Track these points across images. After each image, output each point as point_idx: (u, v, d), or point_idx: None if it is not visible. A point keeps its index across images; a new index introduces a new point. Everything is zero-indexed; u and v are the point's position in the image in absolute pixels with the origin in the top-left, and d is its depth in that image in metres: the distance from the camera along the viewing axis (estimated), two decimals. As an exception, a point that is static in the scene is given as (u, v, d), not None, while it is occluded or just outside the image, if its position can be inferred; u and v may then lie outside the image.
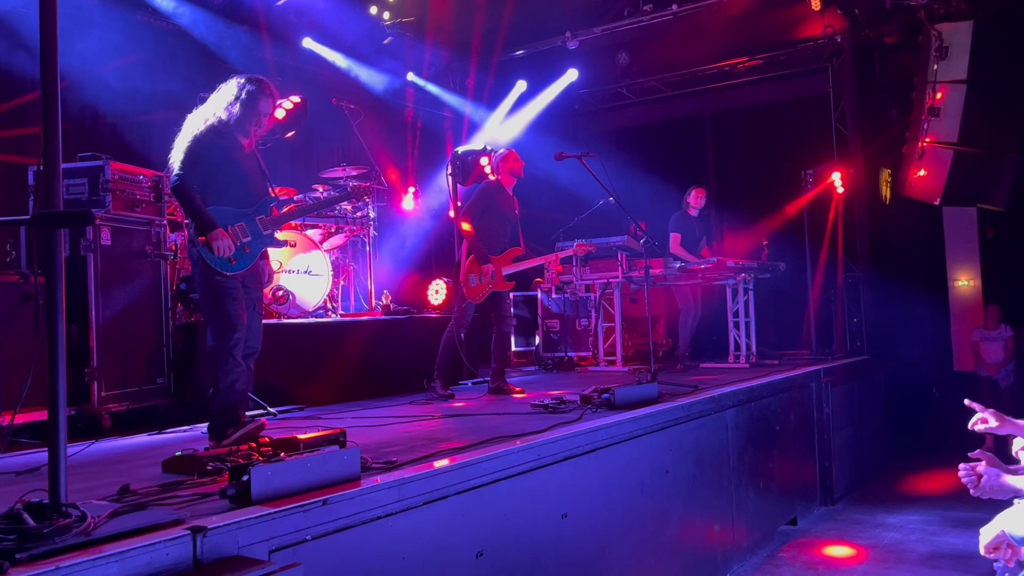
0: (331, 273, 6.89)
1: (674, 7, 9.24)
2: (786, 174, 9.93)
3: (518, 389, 6.20)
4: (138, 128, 7.49)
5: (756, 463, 5.66)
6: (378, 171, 7.99)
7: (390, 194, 9.42)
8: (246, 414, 4.00)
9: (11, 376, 4.16)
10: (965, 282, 10.17)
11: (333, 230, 7.42)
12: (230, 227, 3.88)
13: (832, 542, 5.93)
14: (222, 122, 3.94)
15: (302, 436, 3.35)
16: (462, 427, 4.36)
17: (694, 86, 10.90)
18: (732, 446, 5.36)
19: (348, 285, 7.88)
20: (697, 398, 5.08)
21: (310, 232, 7.03)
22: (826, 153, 9.82)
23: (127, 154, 7.15)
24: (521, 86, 11.04)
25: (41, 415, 4.25)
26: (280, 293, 6.41)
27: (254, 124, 4.03)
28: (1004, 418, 3.00)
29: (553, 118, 11.26)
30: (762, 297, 8.50)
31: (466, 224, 6.11)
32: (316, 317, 6.67)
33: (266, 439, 3.50)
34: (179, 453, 3.31)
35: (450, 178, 7.91)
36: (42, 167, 2.29)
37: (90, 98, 7.17)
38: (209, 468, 3.10)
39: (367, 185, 5.10)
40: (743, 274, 7.93)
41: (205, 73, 4.22)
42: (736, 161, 11.07)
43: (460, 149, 7.99)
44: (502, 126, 11.15)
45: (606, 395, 4.64)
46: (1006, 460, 2.96)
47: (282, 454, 3.01)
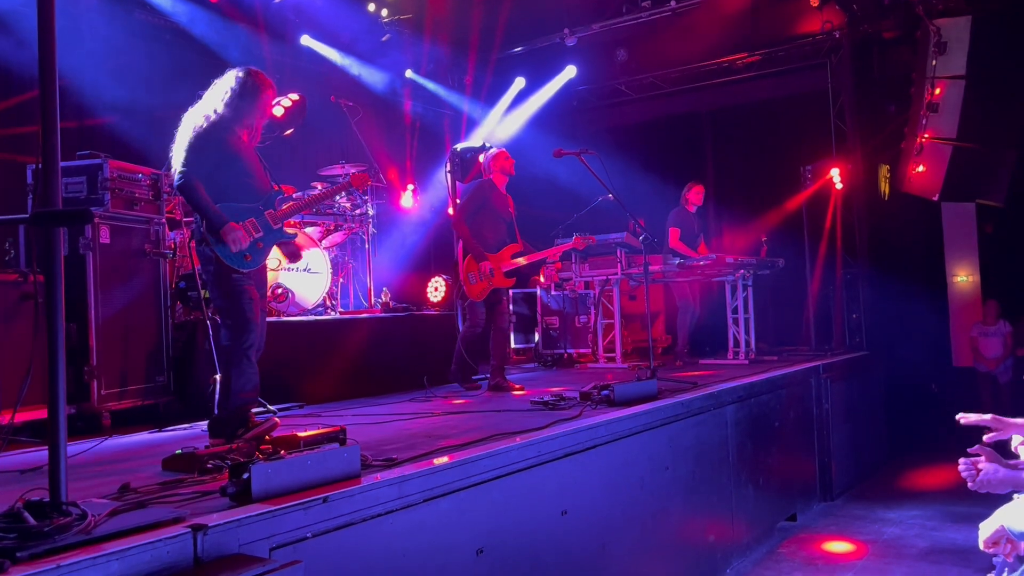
0: (330, 271, 6.89)
1: (672, 3, 9.23)
2: (785, 170, 9.93)
3: (517, 386, 6.20)
4: (137, 126, 7.47)
5: (755, 459, 5.66)
6: (377, 168, 7.99)
7: (389, 191, 9.41)
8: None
9: (11, 375, 4.17)
10: (964, 278, 10.17)
11: (332, 227, 7.41)
12: (243, 223, 3.80)
13: (832, 538, 5.93)
14: (222, 116, 3.83)
15: (302, 434, 3.35)
16: (462, 424, 4.37)
17: (693, 83, 10.87)
18: (731, 442, 5.36)
19: (347, 283, 7.87)
20: (696, 394, 5.09)
21: (309, 230, 7.03)
22: (825, 149, 9.81)
23: (126, 152, 7.13)
24: (520, 83, 11.03)
25: (41, 414, 4.25)
26: (279, 291, 6.40)
27: (254, 116, 3.95)
28: (1003, 421, 2.99)
29: (552, 115, 11.25)
30: (761, 293, 8.51)
31: (460, 224, 6.16)
32: (315, 315, 6.67)
33: (266, 437, 3.50)
34: (179, 451, 3.31)
35: (449, 175, 7.91)
36: (41, 165, 2.29)
37: (89, 96, 7.17)
38: (209, 466, 3.10)
39: (364, 173, 5.10)
40: (742, 270, 7.94)
41: (203, 71, 4.19)
42: (735, 157, 11.06)
43: (459, 146, 7.99)
44: (501, 123, 11.15)
45: (605, 392, 4.65)
46: (1005, 455, 2.97)
47: (282, 452, 3.01)
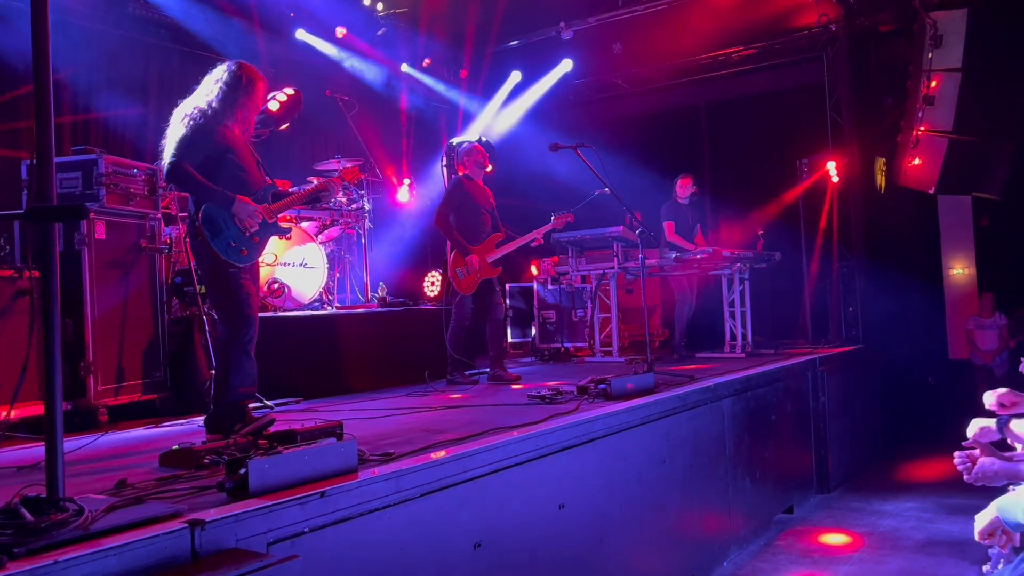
0: (327, 266, 6.88)
1: (668, -4, 9.23)
2: (781, 163, 9.93)
3: (515, 375, 6.29)
4: (132, 121, 7.47)
5: (752, 452, 5.67)
6: (373, 163, 7.98)
7: (385, 186, 9.40)
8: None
9: (7, 371, 4.16)
10: (960, 270, 10.19)
11: (328, 222, 7.40)
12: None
13: (828, 530, 5.95)
14: (214, 110, 3.81)
15: (299, 429, 3.34)
16: (459, 419, 4.37)
17: (689, 76, 10.86)
18: (728, 435, 5.37)
19: (344, 277, 7.87)
20: (693, 388, 5.09)
21: (305, 224, 7.02)
22: (821, 142, 9.81)
23: (121, 147, 7.15)
24: (516, 77, 11.01)
25: (37, 410, 4.26)
26: (276, 286, 6.40)
27: (246, 110, 3.92)
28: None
29: (548, 109, 11.24)
30: (758, 286, 8.52)
31: (442, 221, 6.29)
32: (312, 310, 6.66)
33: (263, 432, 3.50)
34: (176, 447, 3.30)
35: (445, 169, 7.93)
36: (35, 161, 2.28)
37: (83, 91, 7.15)
38: (206, 461, 3.10)
39: (357, 167, 5.10)
40: (739, 264, 7.94)
41: (198, 65, 4.18)
42: (731, 151, 11.05)
43: (455, 140, 8.01)
44: (497, 117, 11.13)
45: (602, 385, 4.65)
46: (1001, 447, 2.98)
47: (279, 447, 3.01)
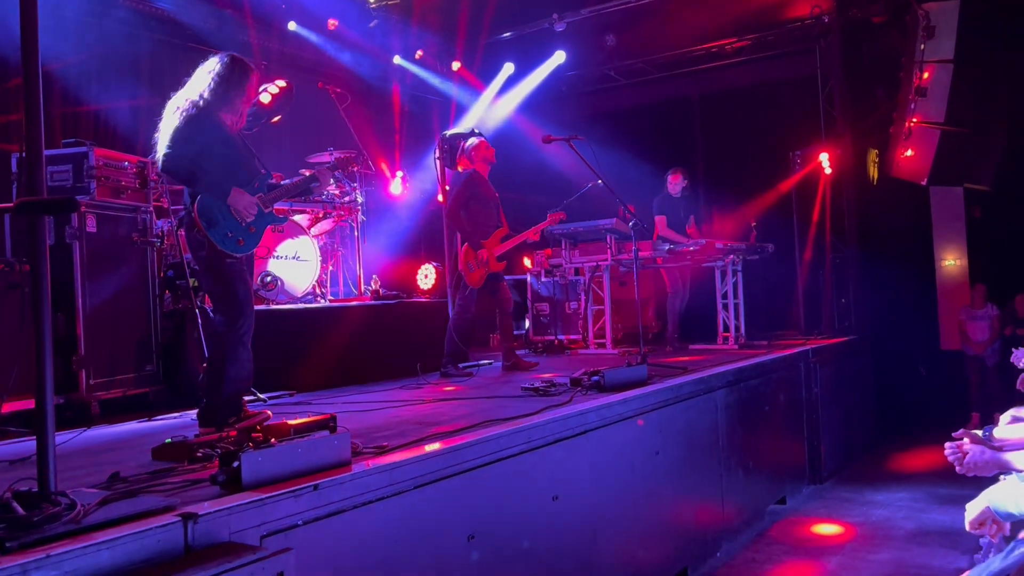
0: (319, 258, 6.87)
1: (661, -12, 9.21)
2: (774, 155, 9.92)
3: (533, 363, 6.54)
4: (123, 114, 7.43)
5: (745, 443, 5.69)
6: (365, 155, 7.95)
7: (378, 178, 9.37)
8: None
9: (-2, 365, 4.14)
10: (952, 262, 10.22)
11: (321, 215, 7.38)
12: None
13: (820, 520, 5.98)
14: (206, 101, 3.80)
15: (292, 422, 3.35)
16: (452, 411, 4.37)
17: (682, 68, 10.83)
18: (721, 427, 5.39)
19: (337, 270, 7.85)
20: (686, 379, 5.11)
21: (297, 217, 7.00)
22: (814, 134, 9.80)
23: (112, 140, 7.10)
24: (509, 69, 10.97)
25: (29, 404, 4.22)
26: (268, 279, 6.38)
27: (239, 101, 3.92)
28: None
29: (541, 101, 11.20)
30: (750, 278, 8.52)
31: (456, 215, 6.35)
32: (305, 303, 6.65)
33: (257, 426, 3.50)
34: (169, 440, 3.30)
35: (438, 162, 7.89)
36: (25, 154, 2.26)
37: (73, 84, 7.10)
38: (199, 455, 3.10)
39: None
40: (731, 256, 7.95)
41: (190, 57, 4.15)
42: (724, 142, 11.04)
43: (448, 132, 7.96)
44: (490, 109, 11.10)
45: (596, 377, 4.66)
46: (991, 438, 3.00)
47: (272, 440, 3.01)
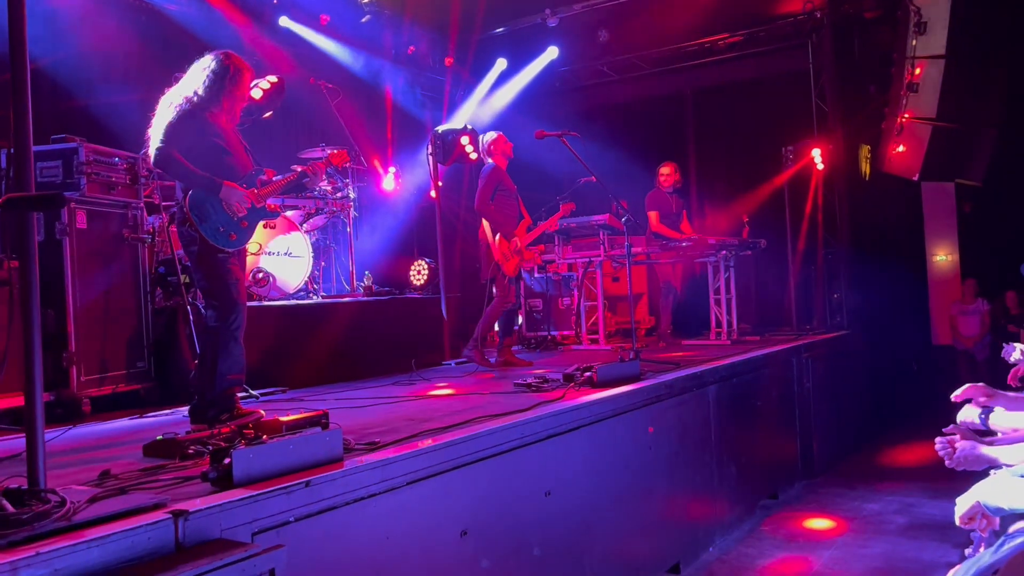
0: (312, 255, 6.85)
1: (654, -17, 9.20)
2: (766, 151, 9.93)
3: (527, 362, 6.53)
4: (113, 109, 7.36)
5: (738, 438, 5.71)
6: (358, 151, 7.92)
7: (370, 174, 9.34)
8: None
9: (-13, 362, 4.12)
10: (943, 257, 10.27)
11: (313, 211, 7.36)
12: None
13: (813, 515, 6.00)
14: (201, 98, 3.84)
15: (284, 418, 3.34)
16: (445, 407, 4.37)
17: (675, 63, 10.83)
18: (714, 422, 5.40)
19: (329, 267, 7.83)
20: (679, 375, 5.12)
21: (290, 213, 6.98)
22: (806, 130, 9.82)
23: (101, 136, 7.04)
24: (501, 64, 10.95)
25: (18, 401, 4.21)
26: (260, 275, 6.36)
27: (233, 99, 3.95)
28: (994, 392, 3.04)
29: (533, 96, 11.19)
30: (743, 274, 8.55)
31: (486, 207, 6.43)
32: (297, 299, 6.63)
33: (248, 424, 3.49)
34: (160, 437, 3.29)
35: (431, 157, 7.86)
36: (13, 149, 2.25)
37: (63, 79, 7.05)
38: (191, 452, 3.09)
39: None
40: (724, 251, 7.96)
41: (180, 53, 4.15)
42: (717, 138, 11.06)
43: (440, 128, 7.94)
44: (483, 105, 11.08)
45: (588, 373, 4.67)
46: (981, 432, 3.01)
47: (264, 436, 3.00)
